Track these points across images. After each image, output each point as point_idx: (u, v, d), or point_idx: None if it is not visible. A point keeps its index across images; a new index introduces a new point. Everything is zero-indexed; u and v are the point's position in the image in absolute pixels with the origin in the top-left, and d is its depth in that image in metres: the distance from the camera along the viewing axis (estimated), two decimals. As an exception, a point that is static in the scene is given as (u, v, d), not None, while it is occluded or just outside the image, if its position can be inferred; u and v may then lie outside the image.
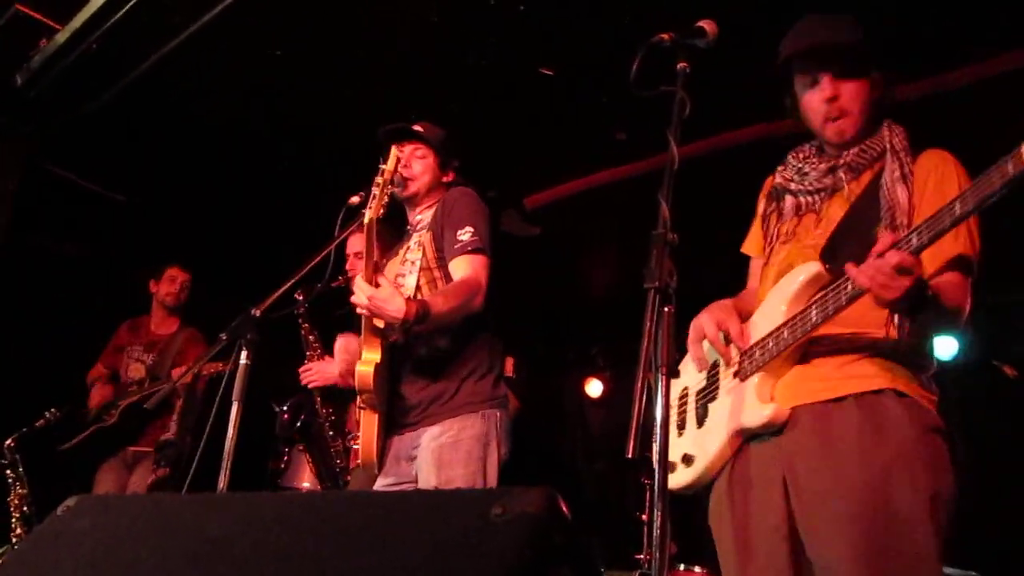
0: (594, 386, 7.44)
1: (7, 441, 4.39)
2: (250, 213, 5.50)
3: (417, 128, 3.03)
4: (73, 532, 1.36)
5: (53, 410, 4.41)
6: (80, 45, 4.09)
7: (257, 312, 2.59)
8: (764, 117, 3.87)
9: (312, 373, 3.79)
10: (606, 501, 6.83)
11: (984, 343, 5.14)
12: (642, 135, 4.37)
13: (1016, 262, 3.94)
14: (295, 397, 4.14)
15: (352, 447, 3.83)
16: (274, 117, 4.68)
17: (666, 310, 1.59)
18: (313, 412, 4.04)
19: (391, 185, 2.71)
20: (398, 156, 2.75)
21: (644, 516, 4.47)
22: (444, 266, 2.86)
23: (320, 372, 3.78)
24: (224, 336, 2.58)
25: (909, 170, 1.98)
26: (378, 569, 1.09)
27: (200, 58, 4.11)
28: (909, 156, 2.01)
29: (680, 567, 4.02)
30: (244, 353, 2.56)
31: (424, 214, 3.02)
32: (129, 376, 4.86)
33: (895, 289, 1.68)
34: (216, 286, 5.21)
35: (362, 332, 2.75)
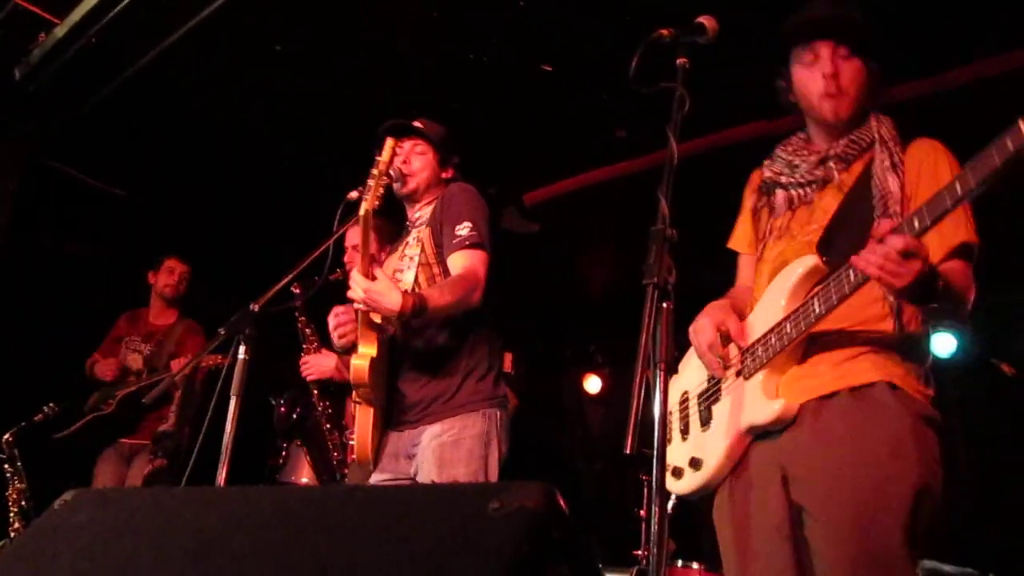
0: (593, 383, 7.44)
1: (6, 436, 4.39)
2: (250, 210, 5.50)
3: (416, 124, 3.02)
4: (71, 526, 1.36)
5: (52, 404, 4.41)
6: (79, 40, 4.09)
7: (255, 307, 2.58)
8: (764, 114, 3.87)
9: (309, 366, 3.78)
10: (605, 498, 6.83)
11: (984, 342, 5.14)
12: (642, 132, 4.37)
13: (1016, 262, 3.94)
14: (292, 391, 4.14)
15: (349, 442, 3.82)
16: (274, 113, 4.67)
17: (665, 306, 1.58)
18: (310, 405, 4.03)
19: (386, 177, 2.70)
20: (393, 147, 2.74)
21: (643, 513, 4.47)
22: (443, 262, 2.85)
23: (316, 365, 3.76)
24: (222, 331, 2.58)
25: (899, 159, 1.98)
26: (376, 563, 1.09)
27: (199, 53, 4.10)
28: (899, 146, 2.00)
29: (678, 564, 4.02)
30: (242, 348, 2.56)
31: (423, 210, 3.01)
32: (127, 366, 4.86)
33: (906, 275, 1.65)
34: (216, 283, 5.21)
35: (358, 326, 2.74)
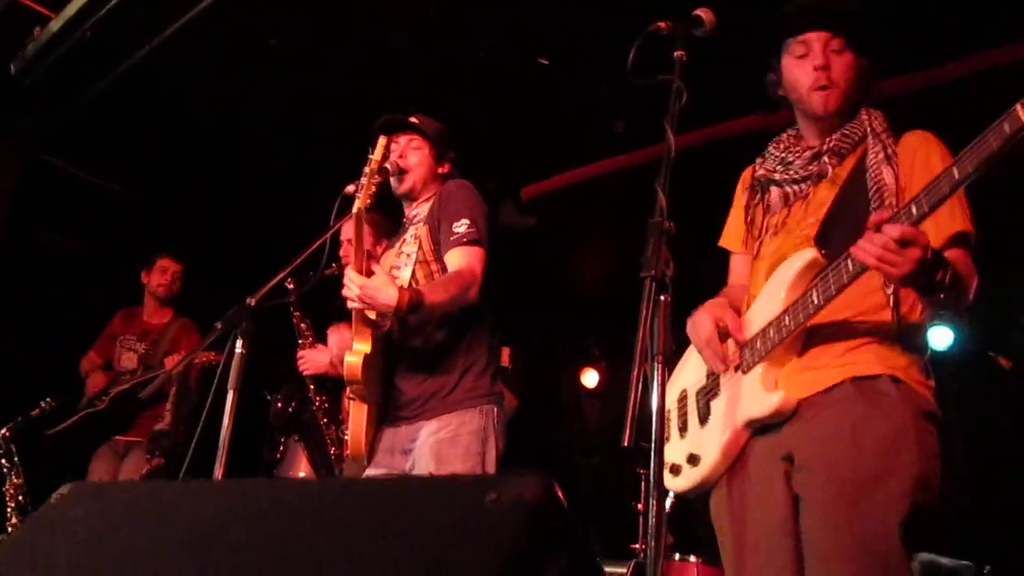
0: (590, 376, 7.45)
1: (2, 431, 4.40)
2: (246, 206, 5.49)
3: (412, 120, 3.01)
4: (68, 519, 1.36)
5: (48, 400, 4.42)
6: (74, 34, 4.07)
7: (252, 301, 2.57)
8: (762, 107, 3.86)
9: (304, 361, 3.78)
10: (602, 491, 6.84)
11: (982, 335, 5.15)
12: (639, 125, 4.36)
13: (1015, 255, 3.94)
14: (288, 385, 4.14)
15: (345, 437, 3.82)
16: (271, 109, 4.66)
17: (662, 299, 1.58)
18: (306, 400, 4.04)
19: (379, 174, 2.70)
20: (386, 145, 2.73)
21: (640, 506, 4.47)
22: (441, 259, 2.83)
23: (311, 360, 3.76)
24: (219, 325, 2.57)
25: (892, 151, 1.97)
26: (374, 556, 1.09)
27: (195, 48, 4.09)
28: (891, 138, 2.00)
29: (675, 557, 4.02)
30: (239, 342, 2.55)
31: (421, 208, 3.00)
32: (122, 365, 4.85)
33: (904, 263, 1.64)
34: (212, 280, 5.19)
35: (352, 323, 2.73)
